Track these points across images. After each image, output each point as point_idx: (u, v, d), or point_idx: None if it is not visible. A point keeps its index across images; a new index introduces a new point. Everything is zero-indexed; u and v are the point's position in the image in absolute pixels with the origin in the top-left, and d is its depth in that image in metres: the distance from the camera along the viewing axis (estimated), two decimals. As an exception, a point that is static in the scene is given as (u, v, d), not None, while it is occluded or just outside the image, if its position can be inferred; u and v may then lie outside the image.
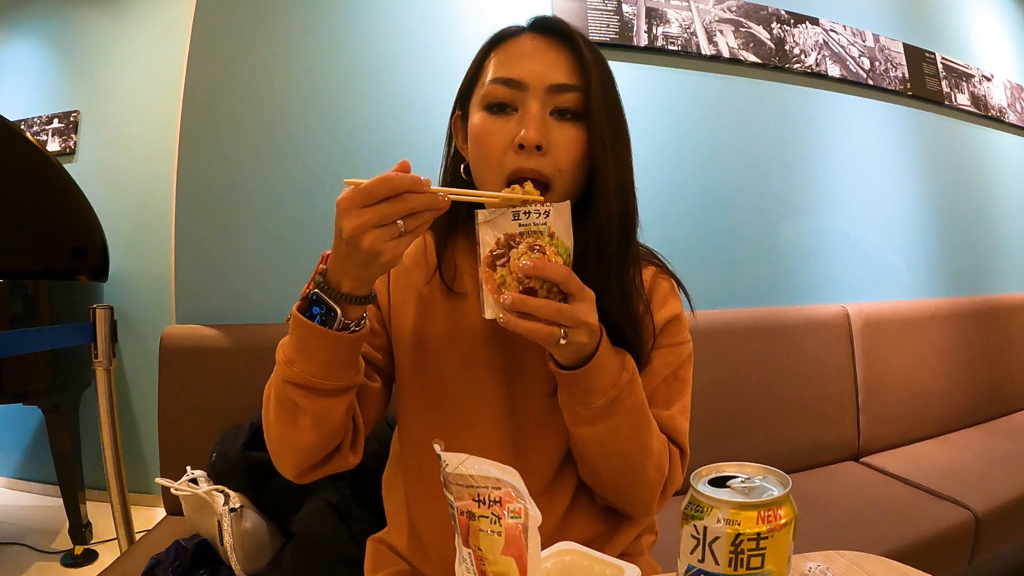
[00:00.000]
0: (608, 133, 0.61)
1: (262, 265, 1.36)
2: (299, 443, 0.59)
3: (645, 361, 0.66)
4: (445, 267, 0.70)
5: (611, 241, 0.63)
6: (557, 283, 0.53)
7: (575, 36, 0.62)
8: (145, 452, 2.32)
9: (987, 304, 2.16)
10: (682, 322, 0.71)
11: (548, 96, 0.60)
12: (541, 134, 0.59)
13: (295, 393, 0.56)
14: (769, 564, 0.38)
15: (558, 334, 0.52)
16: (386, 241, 0.49)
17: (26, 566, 1.87)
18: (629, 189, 0.64)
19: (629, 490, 0.66)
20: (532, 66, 0.61)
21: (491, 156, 0.61)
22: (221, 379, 1.23)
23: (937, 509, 1.38)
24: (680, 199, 1.73)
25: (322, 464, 0.62)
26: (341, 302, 0.54)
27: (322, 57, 1.44)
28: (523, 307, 0.52)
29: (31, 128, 2.47)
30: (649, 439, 0.62)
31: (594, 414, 0.59)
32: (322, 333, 0.54)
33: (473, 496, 0.41)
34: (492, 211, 0.55)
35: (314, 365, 0.55)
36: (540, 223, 0.55)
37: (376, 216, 0.48)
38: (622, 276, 0.65)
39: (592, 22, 1.65)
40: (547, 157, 0.60)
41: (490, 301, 0.54)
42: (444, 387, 0.68)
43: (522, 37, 0.64)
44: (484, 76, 0.63)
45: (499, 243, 0.55)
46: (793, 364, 1.67)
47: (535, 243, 0.54)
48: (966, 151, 2.32)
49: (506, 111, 0.61)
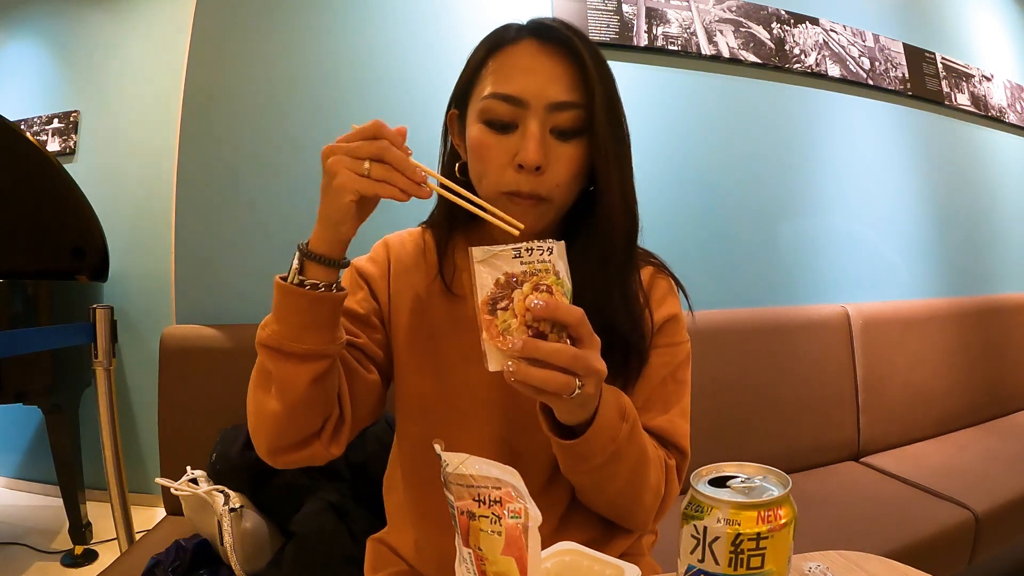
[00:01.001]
0: (611, 148, 0.61)
1: (262, 265, 1.36)
2: (267, 412, 0.58)
3: (644, 360, 0.66)
4: (445, 267, 0.70)
5: (616, 254, 0.63)
6: (569, 326, 0.48)
7: (577, 46, 0.60)
8: (145, 452, 2.32)
9: (987, 304, 2.16)
10: (680, 322, 0.71)
11: (548, 115, 0.59)
12: (541, 155, 0.58)
13: (265, 356, 0.56)
14: (769, 564, 0.38)
15: (574, 384, 0.47)
16: (346, 169, 0.50)
17: (26, 566, 1.87)
18: (632, 201, 0.64)
19: (625, 516, 0.67)
20: (532, 82, 0.59)
21: (490, 171, 0.61)
22: (221, 379, 1.23)
23: (937, 509, 1.38)
24: (680, 199, 1.73)
25: (297, 447, 0.60)
26: (307, 259, 0.55)
27: (322, 57, 1.44)
28: (536, 353, 0.46)
29: (31, 128, 2.47)
30: (647, 475, 0.61)
31: (592, 468, 0.58)
32: (289, 290, 0.54)
33: (473, 496, 0.41)
34: (488, 249, 0.49)
35: (283, 327, 0.55)
36: (544, 260, 0.49)
37: (348, 148, 0.51)
38: (625, 285, 0.65)
39: (592, 22, 1.65)
40: (545, 176, 0.60)
41: (493, 350, 0.47)
42: (442, 386, 0.68)
43: (522, 45, 0.61)
44: (482, 82, 0.62)
45: (499, 284, 0.48)
46: (793, 364, 1.67)
47: (540, 282, 0.48)
48: (966, 151, 2.32)
49: (506, 129, 0.60)
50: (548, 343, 0.47)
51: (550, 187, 0.60)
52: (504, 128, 0.60)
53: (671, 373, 0.69)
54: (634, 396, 0.66)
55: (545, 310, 0.46)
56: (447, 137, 0.70)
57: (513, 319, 0.47)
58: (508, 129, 0.60)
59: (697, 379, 0.73)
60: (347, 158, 0.51)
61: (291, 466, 0.62)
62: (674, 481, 0.66)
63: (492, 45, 0.63)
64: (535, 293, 0.47)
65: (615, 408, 0.56)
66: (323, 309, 0.55)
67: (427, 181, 0.52)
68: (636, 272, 0.69)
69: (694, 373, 0.72)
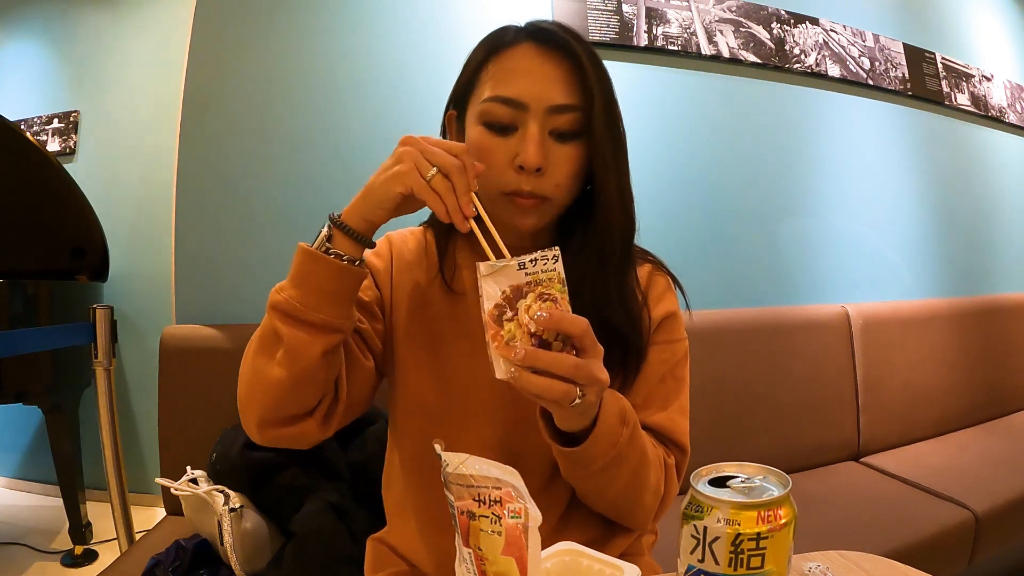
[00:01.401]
0: (609, 149, 0.62)
1: (262, 265, 1.36)
2: (268, 379, 0.57)
3: (642, 358, 0.66)
4: (445, 265, 0.70)
5: (614, 252, 0.64)
6: (573, 336, 0.48)
7: (576, 49, 0.61)
8: (145, 452, 2.32)
9: (987, 304, 2.16)
10: (678, 319, 0.71)
11: (547, 117, 0.60)
12: (541, 157, 0.59)
13: (278, 319, 0.56)
14: (769, 564, 0.38)
15: (575, 393, 0.48)
16: (413, 164, 0.52)
17: (26, 566, 1.87)
18: (629, 200, 0.65)
19: (625, 516, 0.67)
20: (531, 85, 0.60)
21: (490, 173, 0.61)
22: (221, 379, 1.21)
23: (937, 509, 1.38)
24: (680, 199, 1.73)
25: (290, 422, 0.59)
26: (337, 229, 0.55)
27: (322, 57, 1.44)
28: (536, 363, 0.47)
29: (31, 128, 2.47)
30: (647, 476, 0.62)
31: (592, 473, 0.58)
32: (317, 256, 0.55)
33: (473, 496, 0.41)
34: (494, 263, 0.50)
35: (303, 293, 0.55)
36: (549, 270, 0.50)
37: (426, 148, 0.53)
38: (622, 283, 0.66)
39: (592, 22, 1.65)
40: (546, 177, 0.61)
41: (499, 359, 0.48)
42: (442, 384, 0.68)
43: (521, 48, 0.62)
44: (481, 85, 0.63)
45: (504, 296, 0.49)
46: (793, 364, 1.67)
47: (545, 292, 0.49)
48: (966, 151, 2.32)
49: (506, 131, 0.61)
50: (549, 353, 0.47)
51: (551, 187, 0.61)
52: (504, 130, 0.61)
53: (670, 370, 0.69)
54: (633, 393, 0.66)
55: (550, 320, 0.47)
56: (445, 137, 0.71)
57: (518, 329, 0.48)
58: (508, 131, 0.61)
59: (697, 379, 0.73)
60: (420, 155, 0.52)
61: (276, 443, 0.60)
62: (673, 480, 0.67)
63: (491, 48, 0.64)
64: (539, 303, 0.49)
65: (615, 413, 0.57)
66: (346, 281, 0.56)
67: (472, 217, 0.53)
68: (633, 270, 0.69)
69: (694, 373, 0.72)
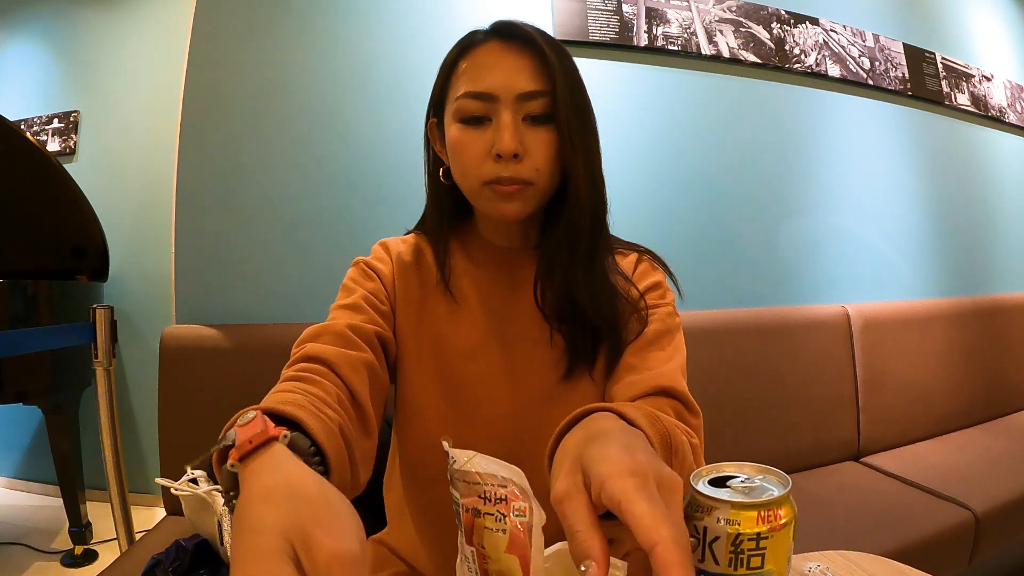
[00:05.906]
0: (576, 131, 0.63)
1: (262, 265, 1.36)
2: None
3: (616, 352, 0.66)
4: (443, 269, 0.70)
5: (584, 232, 0.65)
6: None
7: (537, 40, 0.63)
8: (145, 452, 2.32)
9: (987, 304, 2.16)
10: (664, 289, 0.72)
11: (518, 104, 0.62)
12: (516, 142, 0.61)
13: None
14: (769, 564, 0.38)
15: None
16: None
17: (26, 566, 1.87)
18: (599, 181, 0.66)
19: None
20: (500, 77, 0.62)
21: (470, 164, 0.63)
22: (221, 379, 1.23)
23: (937, 509, 1.38)
24: (680, 199, 1.73)
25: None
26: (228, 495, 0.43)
27: (322, 58, 1.44)
28: None
29: (31, 128, 2.47)
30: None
31: None
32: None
33: (479, 494, 0.41)
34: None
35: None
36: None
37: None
38: (591, 266, 0.66)
39: (592, 22, 1.65)
40: (525, 162, 0.62)
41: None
42: (443, 387, 0.68)
43: (487, 46, 0.64)
44: (454, 86, 0.65)
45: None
46: (793, 364, 1.67)
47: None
48: (966, 151, 2.32)
49: (481, 123, 0.63)
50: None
51: (531, 171, 0.63)
52: (479, 123, 0.63)
53: (666, 330, 0.68)
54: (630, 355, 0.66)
55: None
56: (429, 146, 0.73)
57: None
58: (483, 123, 0.63)
59: (697, 379, 0.73)
60: None
61: None
62: (700, 458, 0.64)
63: (460, 51, 0.67)
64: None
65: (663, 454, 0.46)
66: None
67: None
68: (607, 256, 0.69)
69: (695, 374, 0.72)
